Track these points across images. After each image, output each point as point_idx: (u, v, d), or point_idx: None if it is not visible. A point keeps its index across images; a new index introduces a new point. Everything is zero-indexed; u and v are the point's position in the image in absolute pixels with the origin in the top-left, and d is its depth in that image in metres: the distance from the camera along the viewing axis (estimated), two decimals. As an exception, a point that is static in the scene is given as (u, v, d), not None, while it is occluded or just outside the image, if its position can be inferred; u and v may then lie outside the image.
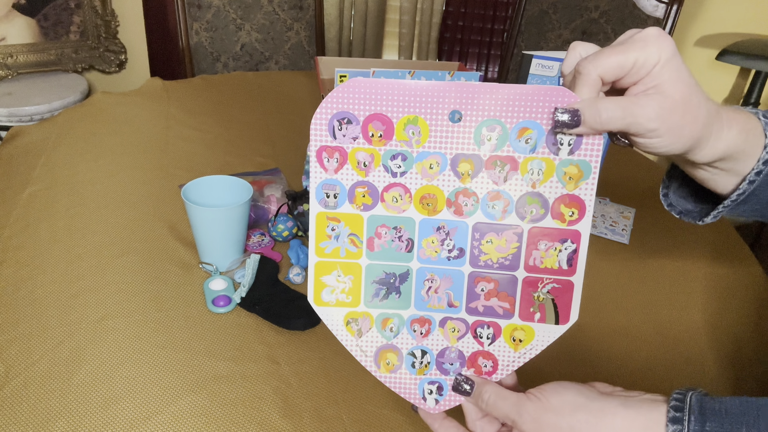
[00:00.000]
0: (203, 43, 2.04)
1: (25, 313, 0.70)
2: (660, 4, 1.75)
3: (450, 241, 0.45)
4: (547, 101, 0.40)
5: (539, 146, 0.42)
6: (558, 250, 0.44)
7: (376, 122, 0.42)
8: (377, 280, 0.46)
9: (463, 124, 0.42)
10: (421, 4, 2.07)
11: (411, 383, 0.47)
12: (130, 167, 1.05)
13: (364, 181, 0.44)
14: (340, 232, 0.45)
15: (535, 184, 0.43)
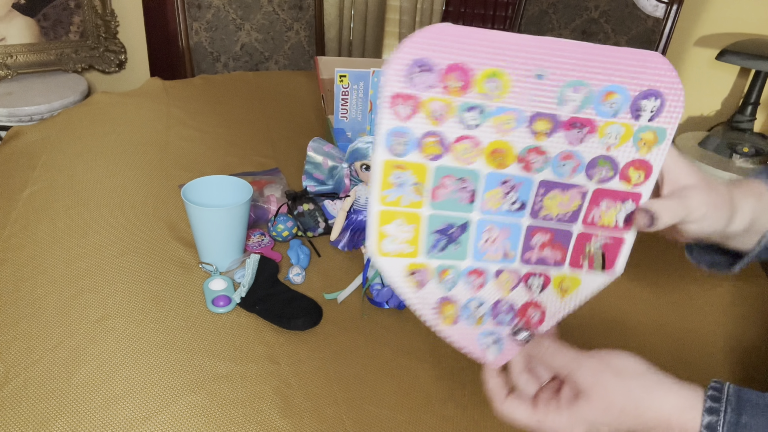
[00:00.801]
0: (203, 43, 2.04)
1: (25, 313, 0.70)
2: (660, 4, 1.75)
3: (514, 194, 0.45)
4: (637, 66, 0.41)
5: (621, 111, 0.42)
6: (618, 209, 0.46)
7: (457, 72, 0.40)
8: (438, 230, 0.45)
9: (547, 82, 0.41)
10: (421, 4, 2.07)
11: (470, 336, 0.47)
12: (130, 167, 1.05)
13: (435, 131, 0.42)
14: (405, 180, 0.43)
15: (609, 148, 0.43)
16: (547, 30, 1.91)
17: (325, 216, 0.92)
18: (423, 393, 0.65)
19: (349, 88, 1.03)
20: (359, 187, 0.90)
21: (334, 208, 0.93)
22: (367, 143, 0.86)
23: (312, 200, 0.91)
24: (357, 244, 0.89)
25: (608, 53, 0.40)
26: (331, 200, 0.93)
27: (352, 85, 1.02)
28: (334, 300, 0.78)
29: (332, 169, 0.94)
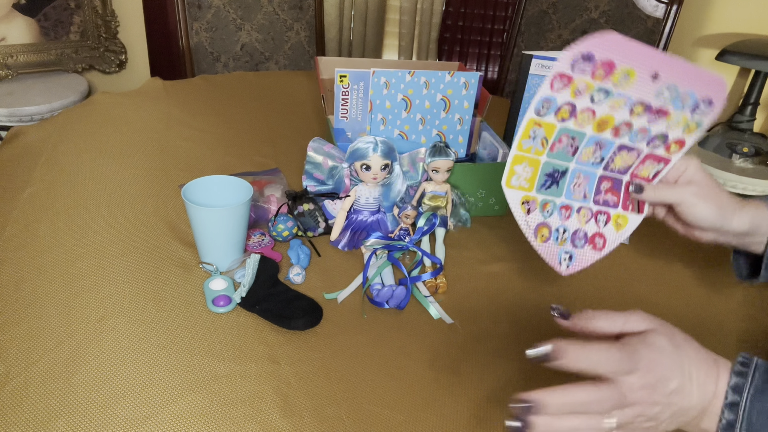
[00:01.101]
0: (203, 43, 2.04)
1: (26, 313, 0.70)
2: (660, 4, 1.75)
3: (600, 152, 0.63)
4: (708, 82, 0.61)
5: (687, 108, 0.61)
6: (654, 167, 0.64)
7: (606, 66, 0.57)
8: (547, 173, 0.62)
9: (657, 83, 0.59)
10: (421, 4, 2.07)
11: (554, 251, 0.64)
12: (130, 167, 1.05)
13: (572, 102, 0.58)
14: (538, 134, 0.59)
15: (669, 128, 0.62)
16: (547, 30, 1.91)
17: (326, 216, 0.92)
18: (423, 393, 0.65)
19: (349, 89, 1.03)
20: (359, 187, 0.90)
21: (334, 208, 0.93)
22: (367, 143, 0.86)
23: (312, 200, 0.91)
24: (357, 244, 0.89)
25: (695, 70, 0.59)
26: (331, 200, 0.94)
27: (352, 85, 1.03)
28: (334, 300, 0.78)
29: (332, 169, 0.95)
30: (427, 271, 0.85)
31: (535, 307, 0.81)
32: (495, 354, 0.72)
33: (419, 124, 1.03)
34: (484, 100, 1.11)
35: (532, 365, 0.72)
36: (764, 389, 0.43)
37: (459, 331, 0.75)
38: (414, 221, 0.88)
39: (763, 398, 0.42)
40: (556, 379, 0.70)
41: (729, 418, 0.43)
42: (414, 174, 0.94)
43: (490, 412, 0.64)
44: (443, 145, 0.89)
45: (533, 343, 0.76)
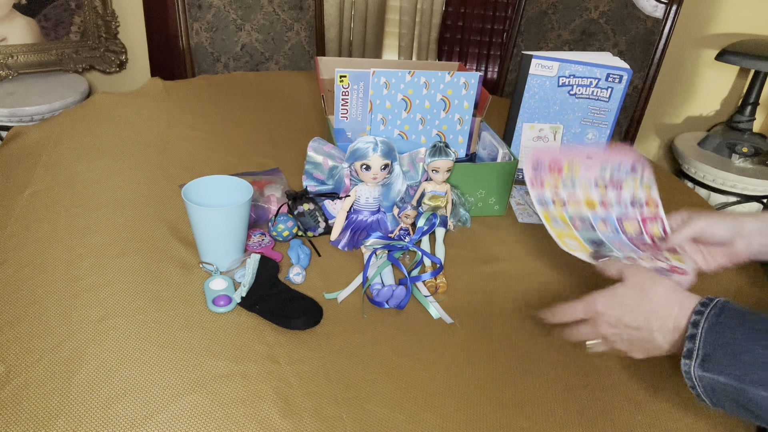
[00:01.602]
0: (203, 43, 2.04)
1: (26, 313, 0.70)
2: (659, 4, 1.75)
3: (609, 225, 0.82)
4: (622, 154, 0.85)
5: (628, 173, 0.84)
6: (656, 224, 0.82)
7: (555, 165, 0.82)
8: (592, 240, 0.79)
9: (594, 163, 0.83)
10: (421, 4, 2.07)
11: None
12: (130, 167, 1.05)
13: (557, 194, 0.82)
14: (557, 220, 0.81)
15: (633, 192, 0.84)
16: (547, 30, 1.91)
17: (326, 216, 0.92)
18: (423, 392, 0.65)
19: (349, 89, 1.03)
20: (359, 187, 0.90)
21: (334, 208, 0.93)
22: (367, 143, 0.86)
23: (312, 200, 0.91)
24: (357, 243, 0.89)
25: (609, 148, 0.81)
26: (331, 200, 0.94)
27: (353, 85, 1.03)
28: (334, 300, 0.78)
29: (332, 169, 0.95)
30: (427, 270, 0.85)
31: (535, 306, 0.81)
32: (495, 353, 0.72)
33: (419, 124, 1.03)
34: (483, 100, 1.11)
35: (531, 364, 0.72)
36: (716, 322, 0.52)
37: (459, 331, 0.75)
38: (414, 221, 0.88)
39: (715, 330, 0.52)
40: (555, 379, 0.70)
41: (688, 347, 0.53)
42: (414, 174, 0.94)
43: (490, 412, 0.64)
44: (443, 145, 0.89)
45: (533, 343, 0.76)
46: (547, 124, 1.09)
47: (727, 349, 0.51)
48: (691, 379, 0.53)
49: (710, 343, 0.52)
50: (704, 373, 0.52)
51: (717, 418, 0.66)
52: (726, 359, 0.50)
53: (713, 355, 0.51)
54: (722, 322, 0.52)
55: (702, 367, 0.52)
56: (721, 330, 0.52)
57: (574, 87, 1.04)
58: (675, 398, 0.68)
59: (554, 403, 0.65)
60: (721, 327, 0.52)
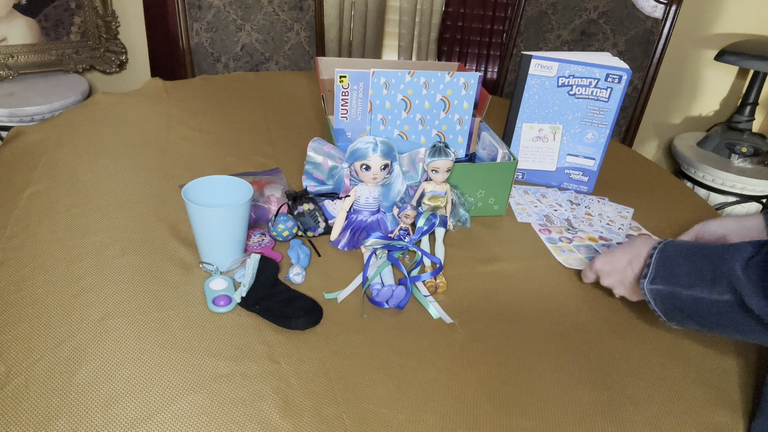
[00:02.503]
0: (203, 43, 2.04)
1: (26, 313, 0.71)
2: (659, 4, 1.75)
3: (612, 246, 0.97)
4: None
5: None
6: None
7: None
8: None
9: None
10: (421, 4, 2.07)
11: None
12: (130, 167, 1.05)
13: (564, 236, 1.01)
14: (563, 249, 0.96)
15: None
16: (547, 30, 1.92)
17: (325, 216, 0.92)
18: (423, 392, 0.65)
19: (349, 89, 1.03)
20: (359, 187, 0.91)
21: (334, 208, 0.93)
22: (367, 143, 0.87)
23: (312, 200, 0.92)
24: (357, 243, 0.89)
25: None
26: (331, 200, 0.94)
27: (352, 85, 1.03)
28: (334, 300, 0.78)
29: (332, 169, 0.95)
30: (427, 270, 0.85)
31: (535, 306, 0.81)
32: (495, 353, 0.72)
33: (419, 124, 1.03)
34: (483, 100, 1.11)
35: (531, 364, 0.72)
36: (663, 250, 0.69)
37: (458, 331, 0.75)
38: (414, 221, 0.88)
39: (661, 255, 0.68)
40: (555, 379, 0.70)
41: (645, 271, 0.69)
42: (414, 174, 0.94)
43: (490, 412, 0.64)
44: (443, 145, 0.89)
45: (533, 343, 0.76)
46: (547, 124, 1.09)
47: (666, 266, 0.67)
48: (645, 293, 0.68)
49: (657, 264, 0.68)
50: (652, 286, 0.68)
51: (717, 417, 0.66)
52: (664, 272, 0.67)
53: (657, 271, 0.68)
54: (668, 249, 0.69)
55: (651, 282, 0.68)
56: (665, 256, 0.68)
57: (574, 87, 1.04)
58: (675, 398, 0.68)
59: (554, 403, 0.66)
60: (665, 254, 0.68)
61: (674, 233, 1.02)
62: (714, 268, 0.62)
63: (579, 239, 0.96)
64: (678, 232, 1.02)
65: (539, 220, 1.01)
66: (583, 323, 0.79)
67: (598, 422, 0.64)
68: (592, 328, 0.78)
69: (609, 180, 1.17)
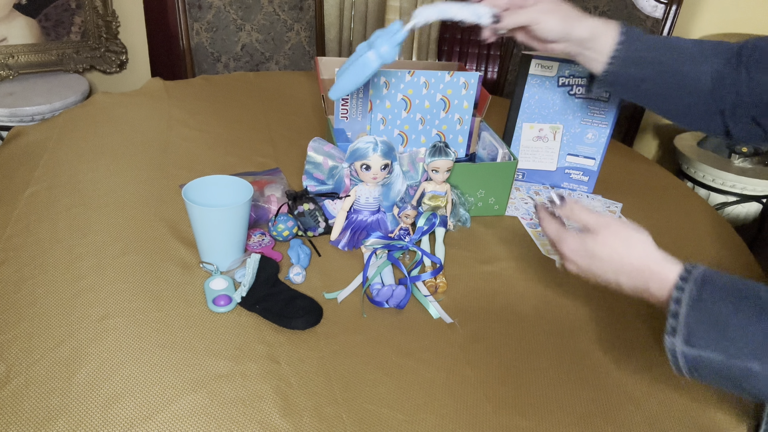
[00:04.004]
0: (204, 43, 2.05)
1: (26, 313, 0.71)
2: (659, 4, 1.75)
3: None
4: None
5: None
6: None
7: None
8: None
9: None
10: (421, 4, 2.07)
11: None
12: (130, 167, 1.06)
13: None
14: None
15: None
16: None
17: (326, 216, 0.92)
18: (422, 392, 0.65)
19: (349, 89, 1.03)
20: (359, 187, 0.91)
21: (335, 207, 0.93)
22: (367, 143, 0.87)
23: (312, 200, 0.92)
24: (357, 243, 0.89)
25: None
26: (331, 200, 0.94)
27: (352, 85, 1.03)
28: (334, 300, 0.78)
29: (332, 169, 0.95)
30: (427, 270, 0.85)
31: (534, 306, 0.81)
32: (494, 353, 0.72)
33: (419, 124, 1.03)
34: (483, 100, 1.11)
35: (531, 364, 0.72)
36: (699, 298, 0.51)
37: (458, 331, 0.75)
38: (414, 221, 0.88)
39: (698, 306, 0.51)
40: (554, 379, 0.70)
41: (671, 324, 0.52)
42: (414, 174, 0.94)
43: (490, 412, 0.64)
44: (443, 145, 0.89)
45: (533, 343, 0.76)
46: (547, 124, 1.09)
47: (712, 324, 0.50)
48: (674, 355, 0.52)
49: (694, 319, 0.50)
50: (689, 350, 0.51)
51: (717, 418, 0.66)
52: (712, 334, 0.49)
53: (698, 331, 0.50)
54: (705, 297, 0.50)
55: (687, 344, 0.50)
56: (704, 306, 0.50)
57: (574, 87, 1.04)
58: (674, 398, 0.68)
59: (554, 403, 0.66)
60: (704, 303, 0.50)
61: (674, 233, 1.02)
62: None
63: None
64: (678, 233, 1.02)
65: (526, 215, 1.01)
66: (582, 323, 0.79)
67: (597, 422, 0.64)
68: (591, 328, 0.78)
69: (609, 180, 1.17)
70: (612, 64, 0.74)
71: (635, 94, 0.77)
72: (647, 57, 0.73)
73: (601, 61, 0.75)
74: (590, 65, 0.77)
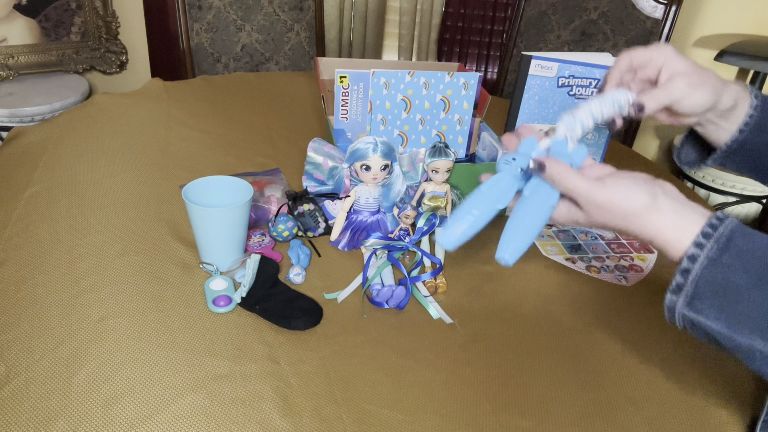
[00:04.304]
0: (204, 43, 2.05)
1: (26, 313, 0.71)
2: (659, 4, 1.75)
3: (591, 233, 0.98)
4: None
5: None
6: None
7: None
8: (571, 246, 0.95)
9: None
10: (421, 5, 2.07)
11: (611, 278, 0.88)
12: (130, 168, 1.06)
13: None
14: (542, 234, 0.95)
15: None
16: (547, 31, 1.92)
17: (326, 216, 0.92)
18: (422, 392, 0.65)
19: (349, 89, 1.03)
20: (359, 188, 0.91)
21: (334, 208, 0.93)
22: (367, 143, 0.87)
23: (312, 200, 0.92)
24: (357, 244, 0.89)
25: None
26: (331, 200, 0.94)
27: (352, 85, 1.03)
28: (334, 300, 0.78)
29: (332, 169, 0.95)
30: (427, 271, 0.85)
31: (534, 306, 0.81)
32: (494, 353, 0.72)
33: (419, 124, 1.03)
34: (483, 100, 1.11)
35: (531, 364, 0.72)
36: (718, 261, 0.44)
37: (458, 331, 0.75)
38: (414, 221, 0.88)
39: (714, 270, 0.44)
40: (554, 379, 0.70)
41: (678, 281, 0.46)
42: (414, 174, 0.94)
43: (490, 412, 0.64)
44: (443, 145, 0.89)
45: (533, 343, 0.76)
46: (547, 124, 1.09)
47: (722, 291, 0.44)
48: (672, 313, 0.47)
49: (704, 282, 0.44)
50: (690, 313, 0.45)
51: (717, 418, 0.66)
52: (719, 302, 0.44)
53: (704, 295, 0.44)
54: (724, 261, 0.44)
55: (689, 306, 0.45)
56: (719, 271, 0.44)
57: (574, 87, 1.04)
58: (674, 398, 0.68)
59: (554, 403, 0.66)
60: (720, 267, 0.44)
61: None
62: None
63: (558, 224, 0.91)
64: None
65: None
66: (582, 323, 0.79)
67: (597, 422, 0.64)
68: (591, 328, 0.78)
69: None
70: (743, 131, 0.62)
71: (755, 164, 0.65)
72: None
73: (730, 131, 0.63)
74: (715, 135, 0.64)
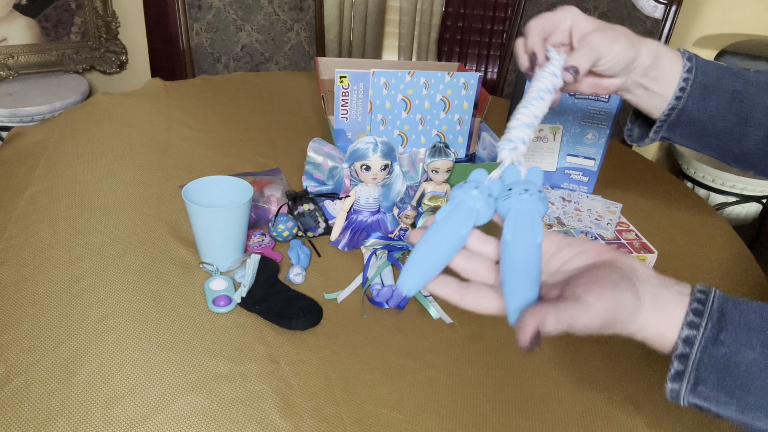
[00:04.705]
0: (204, 43, 2.05)
1: (26, 313, 0.71)
2: (659, 4, 1.75)
3: (591, 234, 0.93)
4: None
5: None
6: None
7: None
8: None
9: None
10: (421, 5, 2.07)
11: None
12: (130, 168, 1.06)
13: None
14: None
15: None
16: (547, 31, 1.92)
17: (326, 216, 0.92)
18: (422, 392, 0.65)
19: (349, 89, 1.03)
20: (359, 188, 0.91)
21: (334, 208, 0.93)
22: (367, 143, 0.87)
23: (312, 200, 0.92)
24: (357, 244, 0.89)
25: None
26: (331, 200, 0.94)
27: (352, 85, 1.03)
28: (334, 300, 0.78)
29: (332, 169, 0.95)
30: (427, 271, 0.85)
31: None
32: (494, 354, 0.72)
33: (419, 124, 1.03)
34: (483, 100, 1.11)
35: (531, 364, 0.72)
36: (716, 340, 0.40)
37: (458, 331, 0.75)
38: (414, 221, 0.88)
39: (714, 351, 0.40)
40: (554, 379, 0.70)
41: (677, 368, 0.41)
42: (414, 174, 0.94)
43: (490, 412, 0.64)
44: (443, 145, 0.89)
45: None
46: (547, 124, 1.09)
47: (730, 374, 0.39)
48: (677, 401, 0.42)
49: (706, 365, 0.40)
50: (697, 400, 0.41)
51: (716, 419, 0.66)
52: (728, 387, 0.40)
53: (709, 380, 0.40)
54: (723, 339, 0.40)
55: (694, 393, 0.41)
56: (722, 351, 0.40)
57: (574, 87, 1.04)
58: (674, 398, 0.68)
59: (554, 403, 0.66)
60: (722, 347, 0.40)
61: (673, 233, 1.02)
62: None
63: (558, 226, 0.96)
64: (677, 233, 1.02)
65: None
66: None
67: (597, 422, 0.64)
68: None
69: (609, 180, 1.17)
70: (679, 98, 0.59)
71: (702, 135, 0.61)
72: (720, 86, 0.59)
73: (666, 97, 0.60)
74: (651, 105, 0.62)
